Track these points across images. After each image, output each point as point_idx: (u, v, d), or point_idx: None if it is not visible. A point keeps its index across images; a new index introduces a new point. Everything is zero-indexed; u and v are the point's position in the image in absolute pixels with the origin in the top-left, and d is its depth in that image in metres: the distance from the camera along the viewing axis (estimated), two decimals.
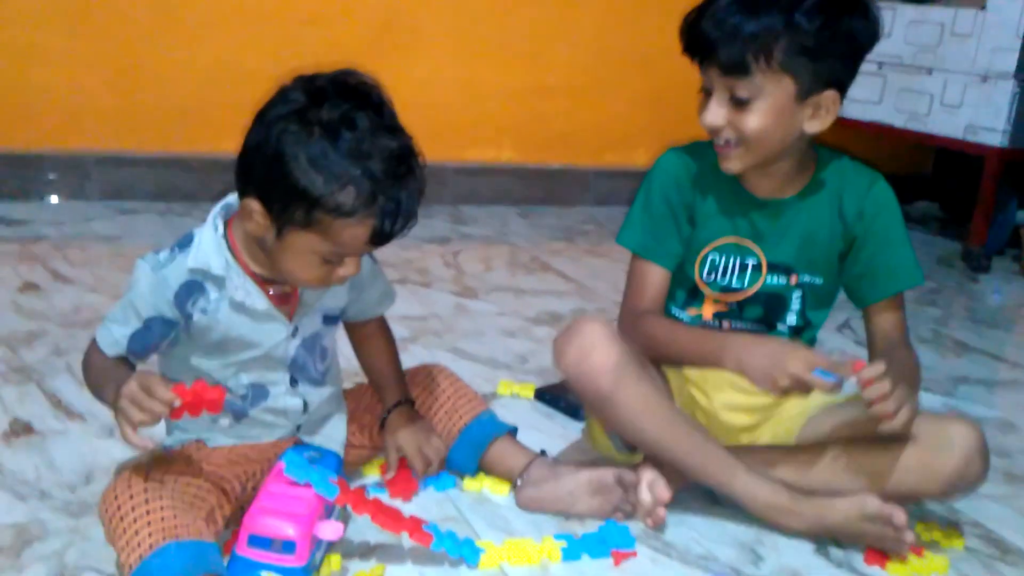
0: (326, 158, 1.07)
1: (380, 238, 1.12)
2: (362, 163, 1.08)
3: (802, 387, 1.27)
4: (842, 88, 1.32)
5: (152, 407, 1.04)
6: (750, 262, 1.40)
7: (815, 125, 1.32)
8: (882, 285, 1.42)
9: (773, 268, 1.40)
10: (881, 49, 3.22)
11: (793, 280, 1.41)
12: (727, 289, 1.41)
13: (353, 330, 1.41)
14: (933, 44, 3.10)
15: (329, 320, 1.29)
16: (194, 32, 2.81)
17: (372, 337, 1.41)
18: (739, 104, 1.28)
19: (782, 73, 1.26)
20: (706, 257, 1.41)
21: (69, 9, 2.68)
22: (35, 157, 2.74)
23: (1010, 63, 2.91)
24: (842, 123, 3.68)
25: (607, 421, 1.39)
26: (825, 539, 1.34)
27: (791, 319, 1.43)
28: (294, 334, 1.24)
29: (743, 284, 1.41)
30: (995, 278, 3.07)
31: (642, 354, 1.37)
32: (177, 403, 1.05)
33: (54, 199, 2.76)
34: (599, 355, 1.31)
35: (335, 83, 1.11)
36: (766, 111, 1.28)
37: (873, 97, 3.26)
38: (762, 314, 1.42)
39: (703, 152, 1.41)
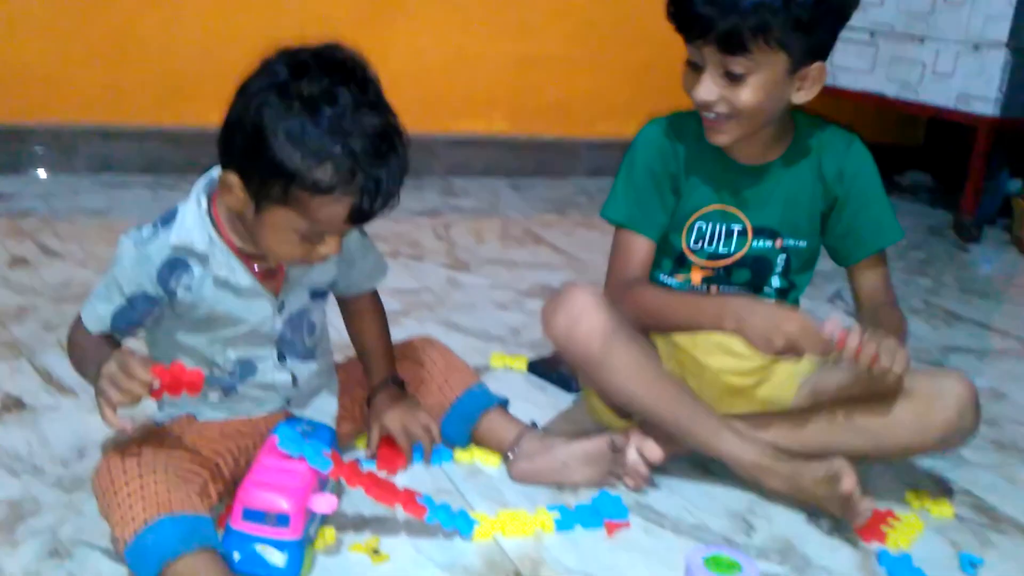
0: (305, 133, 1.05)
1: (358, 217, 1.10)
2: (342, 139, 1.06)
3: (795, 349, 1.28)
4: (826, 58, 1.33)
5: (131, 387, 1.03)
6: (736, 228, 1.42)
7: (802, 96, 1.33)
8: (865, 243, 1.45)
9: (759, 233, 1.42)
10: (873, 17, 3.24)
11: (778, 243, 1.43)
12: (714, 256, 1.43)
13: (344, 304, 1.40)
14: (925, 12, 3.08)
15: (317, 295, 1.28)
16: (181, 4, 2.78)
17: (363, 313, 1.39)
18: (733, 79, 1.29)
19: (778, 48, 1.27)
20: (693, 225, 1.43)
21: None
22: (22, 131, 2.72)
23: (1002, 31, 2.90)
24: (833, 92, 3.70)
25: (597, 386, 1.40)
26: (817, 509, 1.35)
27: (776, 282, 1.45)
28: (280, 310, 1.23)
29: (729, 250, 1.43)
30: (986, 248, 3.08)
31: (632, 324, 1.38)
32: (156, 384, 1.04)
33: (42, 173, 2.74)
34: (588, 320, 1.32)
35: (318, 57, 1.09)
36: (760, 86, 1.29)
37: (864, 66, 3.24)
38: (749, 277, 1.44)
39: (684, 122, 1.42)
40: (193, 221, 1.15)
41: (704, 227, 1.43)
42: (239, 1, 2.81)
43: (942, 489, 1.48)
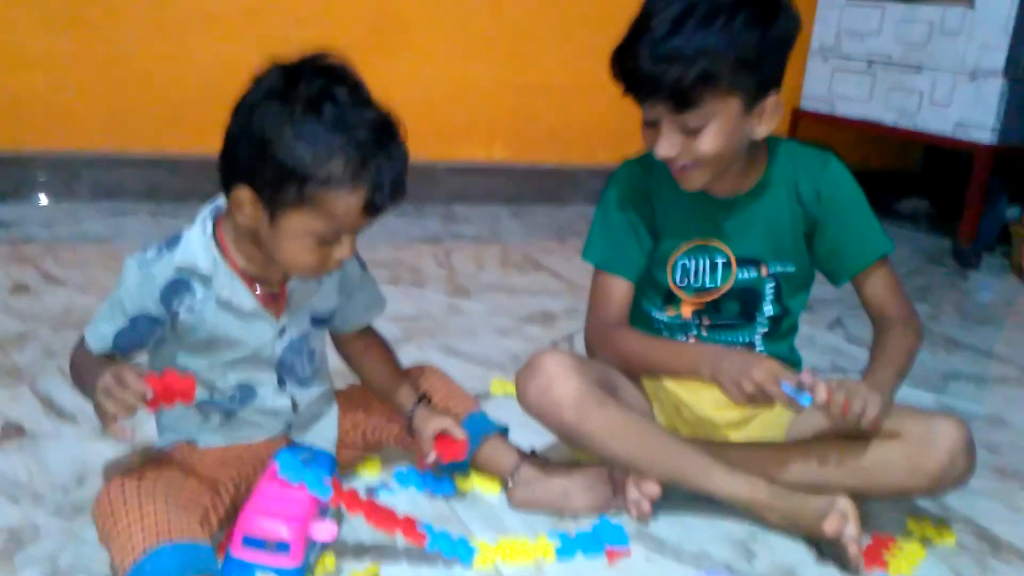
0: (311, 132, 1.07)
1: (373, 207, 1.11)
2: (347, 132, 1.08)
3: (766, 397, 1.28)
4: (779, 86, 1.31)
5: (126, 398, 1.03)
6: (719, 260, 1.42)
7: (763, 130, 1.32)
8: (851, 260, 1.43)
9: (742, 263, 1.42)
10: (871, 47, 3.27)
11: (764, 271, 1.42)
12: (701, 290, 1.43)
13: (345, 344, 1.39)
14: (922, 42, 3.11)
15: (317, 322, 1.29)
16: (184, 33, 2.80)
17: (369, 350, 1.39)
18: (690, 131, 1.28)
19: (729, 93, 1.25)
20: (676, 263, 1.43)
21: (57, 10, 2.67)
22: (25, 158, 2.73)
23: (999, 61, 2.92)
24: (833, 120, 3.72)
25: (578, 448, 1.40)
26: (818, 536, 1.34)
27: (768, 309, 1.44)
28: (281, 334, 1.24)
29: (716, 283, 1.42)
30: (985, 274, 3.08)
31: (614, 367, 1.41)
32: (149, 394, 1.04)
33: (44, 200, 2.75)
34: (559, 389, 1.32)
35: (309, 63, 1.12)
36: (718, 133, 1.28)
37: (863, 95, 3.27)
38: (739, 309, 1.44)
39: (654, 160, 1.41)
40: (198, 243, 1.16)
41: (688, 263, 1.43)
42: (240, 31, 2.83)
43: (943, 516, 1.48)
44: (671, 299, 1.45)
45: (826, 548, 1.33)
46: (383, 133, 1.11)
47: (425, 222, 2.95)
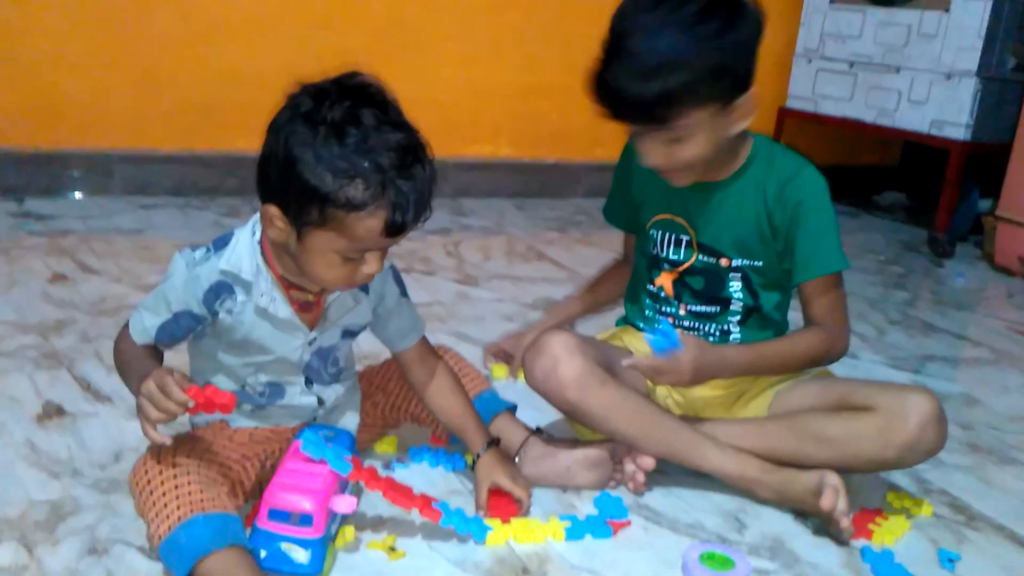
0: (332, 154, 1.04)
1: (394, 229, 1.07)
2: (369, 156, 1.04)
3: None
4: (752, 82, 1.28)
5: (167, 407, 1.02)
6: (684, 238, 1.42)
7: (740, 126, 1.29)
8: (800, 270, 1.37)
9: (702, 248, 1.41)
10: (851, 49, 3.25)
11: (724, 263, 1.40)
12: (668, 261, 1.43)
13: (409, 370, 1.33)
14: (900, 44, 3.09)
15: (348, 334, 1.26)
16: (210, 38, 2.79)
17: (434, 379, 1.32)
18: (673, 141, 1.26)
19: (705, 103, 1.23)
20: (649, 231, 1.45)
21: (92, 19, 2.67)
22: (62, 156, 2.73)
23: (972, 62, 2.91)
24: (816, 118, 3.71)
25: (581, 424, 1.40)
26: (805, 511, 1.34)
27: (738, 296, 1.42)
28: (311, 343, 1.21)
29: (679, 258, 1.43)
30: (959, 263, 3.07)
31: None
32: (191, 404, 1.03)
33: (79, 195, 2.75)
34: (562, 369, 1.32)
35: (338, 84, 1.08)
36: (699, 138, 1.26)
37: (844, 94, 3.25)
38: (704, 285, 1.42)
39: None
40: (244, 248, 1.14)
41: (655, 234, 1.44)
42: (262, 36, 2.82)
43: (921, 489, 1.48)
44: (656, 265, 1.45)
45: (814, 520, 1.33)
46: (406, 156, 1.06)
47: (435, 215, 2.89)
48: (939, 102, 3.00)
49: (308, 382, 1.25)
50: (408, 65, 2.97)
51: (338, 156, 1.03)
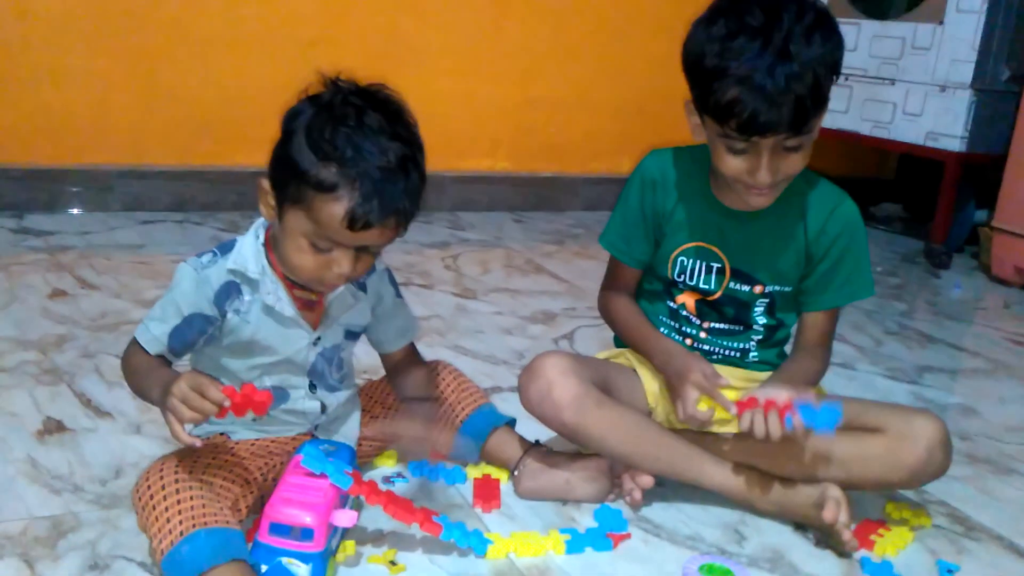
0: (322, 137, 1.07)
1: (355, 221, 1.07)
2: (353, 148, 1.07)
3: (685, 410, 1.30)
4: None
5: (203, 407, 1.02)
6: (715, 266, 1.39)
7: (816, 134, 1.27)
8: (828, 298, 1.40)
9: (736, 276, 1.39)
10: (847, 62, 3.22)
11: (758, 290, 1.40)
12: (696, 290, 1.42)
13: (387, 365, 1.38)
14: (895, 57, 3.11)
15: (351, 335, 1.29)
16: (208, 54, 2.80)
17: (405, 367, 1.36)
18: (789, 150, 1.23)
19: (825, 108, 1.23)
20: (676, 259, 1.42)
21: (90, 33, 2.68)
22: (60, 172, 2.73)
23: (966, 74, 2.92)
24: None
25: (579, 445, 1.39)
26: (808, 522, 1.35)
27: (761, 320, 1.42)
28: (316, 343, 1.24)
29: (710, 287, 1.40)
30: (955, 273, 3.08)
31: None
32: (227, 403, 1.03)
33: (78, 211, 2.75)
34: (558, 391, 1.32)
35: (361, 88, 1.13)
36: (808, 148, 1.25)
37: (840, 107, 3.27)
38: (734, 313, 1.42)
39: (681, 157, 1.40)
40: (249, 250, 1.18)
41: (686, 262, 1.41)
42: (260, 51, 2.84)
43: (920, 500, 1.48)
44: (672, 288, 1.44)
45: (815, 533, 1.33)
46: (395, 163, 1.08)
47: (433, 228, 2.95)
48: (934, 114, 3.01)
49: (312, 387, 1.26)
50: (406, 80, 2.94)
51: (326, 140, 1.07)
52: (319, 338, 1.23)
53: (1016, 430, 1.83)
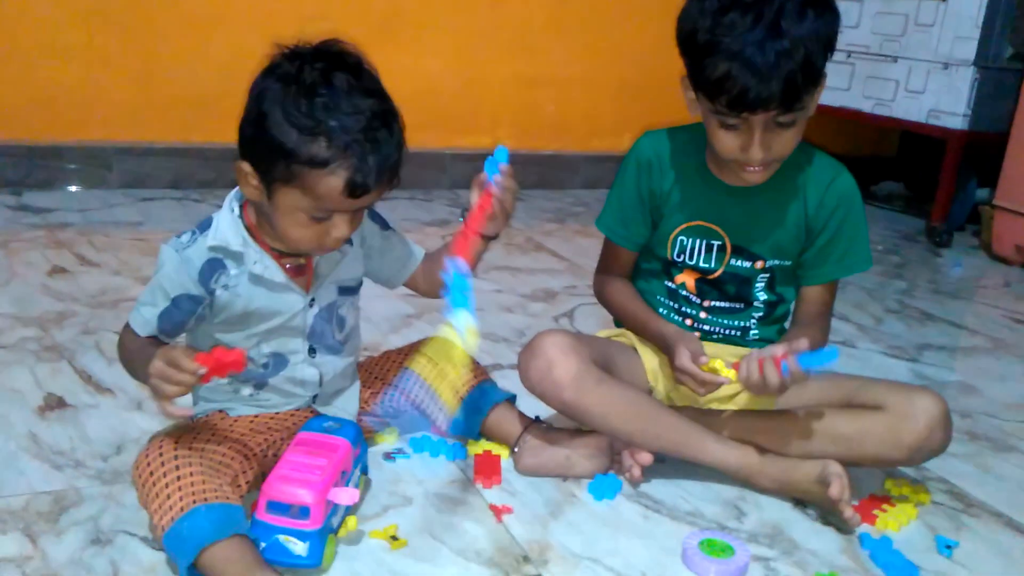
0: (300, 112, 1.06)
1: (355, 190, 1.08)
2: (335, 116, 1.06)
3: (691, 380, 1.31)
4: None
5: (181, 379, 1.03)
6: (715, 244, 1.40)
7: (813, 110, 1.28)
8: (826, 271, 1.41)
9: (737, 252, 1.39)
10: (849, 39, 3.25)
11: (759, 265, 1.40)
12: (696, 269, 1.42)
13: (414, 286, 1.39)
14: (898, 34, 3.09)
15: (345, 291, 1.28)
16: (206, 29, 2.79)
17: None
18: (782, 126, 1.23)
19: (818, 84, 1.23)
20: (676, 239, 1.41)
21: (87, 9, 2.66)
22: (58, 149, 2.72)
23: (970, 51, 2.90)
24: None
25: (580, 423, 1.40)
26: (808, 498, 1.35)
27: (762, 296, 1.43)
28: (311, 304, 1.24)
29: (711, 265, 1.40)
30: (956, 252, 3.08)
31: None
32: (202, 371, 1.04)
33: (77, 188, 2.74)
34: (558, 370, 1.32)
35: (316, 49, 1.11)
36: (801, 124, 1.25)
37: (842, 84, 3.25)
38: (735, 290, 1.42)
39: (676, 137, 1.40)
40: (227, 225, 1.17)
41: (686, 241, 1.41)
42: (259, 27, 2.80)
43: (919, 477, 1.49)
44: (671, 268, 1.44)
45: (815, 508, 1.34)
46: (373, 120, 1.08)
47: (433, 206, 2.94)
48: (936, 92, 3.00)
49: (312, 351, 1.26)
50: (406, 56, 2.97)
51: (305, 114, 1.06)
52: (313, 300, 1.23)
53: (1015, 407, 1.83)
